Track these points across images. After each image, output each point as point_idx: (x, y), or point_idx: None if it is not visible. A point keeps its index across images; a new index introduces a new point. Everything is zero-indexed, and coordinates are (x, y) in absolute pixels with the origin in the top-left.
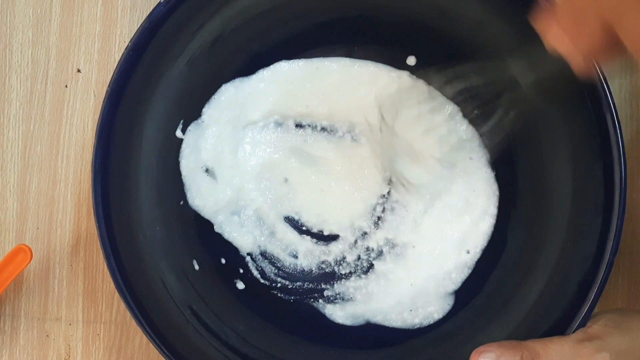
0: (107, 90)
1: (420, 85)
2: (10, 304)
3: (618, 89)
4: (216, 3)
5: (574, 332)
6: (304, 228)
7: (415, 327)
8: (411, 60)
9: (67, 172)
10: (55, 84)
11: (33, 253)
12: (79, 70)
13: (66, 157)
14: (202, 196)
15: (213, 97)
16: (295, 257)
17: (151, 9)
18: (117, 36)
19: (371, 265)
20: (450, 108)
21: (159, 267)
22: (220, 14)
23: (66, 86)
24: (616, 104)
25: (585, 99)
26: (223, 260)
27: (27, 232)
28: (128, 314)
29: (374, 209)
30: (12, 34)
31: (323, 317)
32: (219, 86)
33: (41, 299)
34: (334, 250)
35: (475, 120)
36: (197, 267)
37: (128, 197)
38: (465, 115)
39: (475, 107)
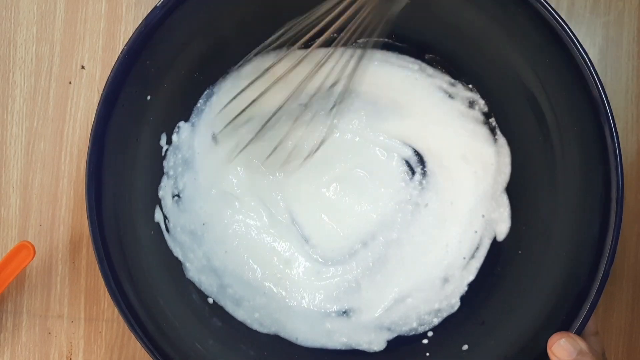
0: (101, 95)
1: None
2: (12, 301)
3: (624, 90)
4: (213, 7)
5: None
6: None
7: (411, 333)
8: None
9: (70, 169)
10: (59, 81)
11: (36, 250)
12: (82, 67)
13: (69, 154)
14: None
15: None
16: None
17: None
18: (121, 33)
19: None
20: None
21: (151, 271)
22: (218, 18)
23: (70, 83)
24: (623, 107)
25: (585, 110)
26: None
27: (29, 228)
28: None
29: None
30: (16, 30)
31: None
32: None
33: (43, 296)
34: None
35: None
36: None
37: (122, 201)
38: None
39: None
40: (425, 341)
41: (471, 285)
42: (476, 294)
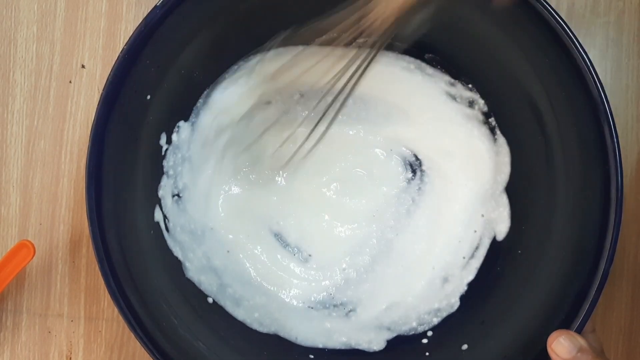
0: (101, 94)
1: None
2: (12, 299)
3: (625, 90)
4: (213, 7)
5: None
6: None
7: (410, 332)
8: None
9: (70, 168)
10: (59, 80)
11: (36, 249)
12: (83, 66)
13: (69, 153)
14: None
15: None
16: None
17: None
18: (121, 32)
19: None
20: None
21: (151, 270)
22: (218, 17)
23: (70, 82)
24: (623, 107)
25: (584, 109)
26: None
27: (30, 227)
28: None
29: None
30: (16, 28)
31: None
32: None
33: (43, 295)
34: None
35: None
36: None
37: (122, 201)
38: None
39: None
40: (424, 341)
41: (471, 284)
42: (476, 294)
